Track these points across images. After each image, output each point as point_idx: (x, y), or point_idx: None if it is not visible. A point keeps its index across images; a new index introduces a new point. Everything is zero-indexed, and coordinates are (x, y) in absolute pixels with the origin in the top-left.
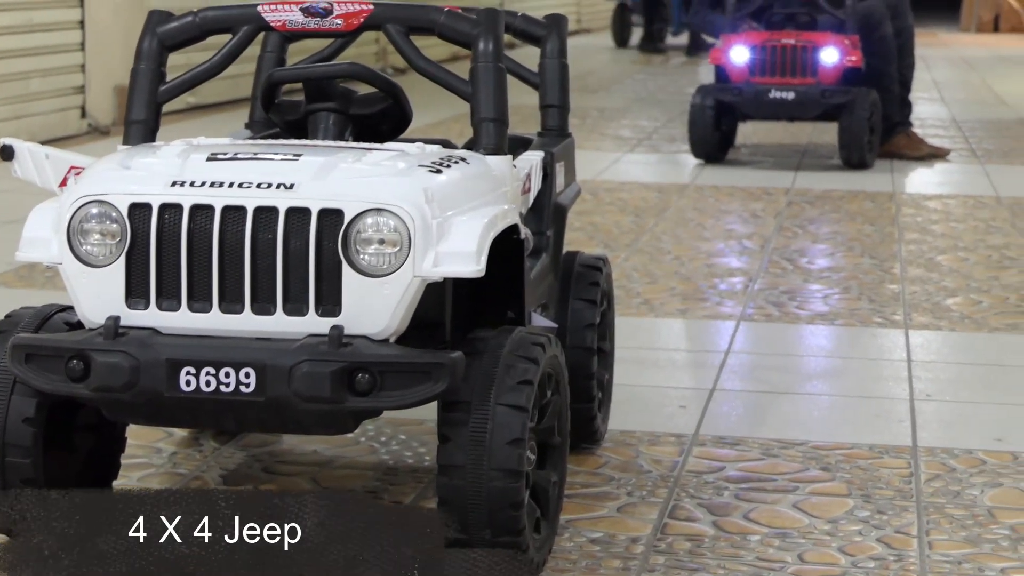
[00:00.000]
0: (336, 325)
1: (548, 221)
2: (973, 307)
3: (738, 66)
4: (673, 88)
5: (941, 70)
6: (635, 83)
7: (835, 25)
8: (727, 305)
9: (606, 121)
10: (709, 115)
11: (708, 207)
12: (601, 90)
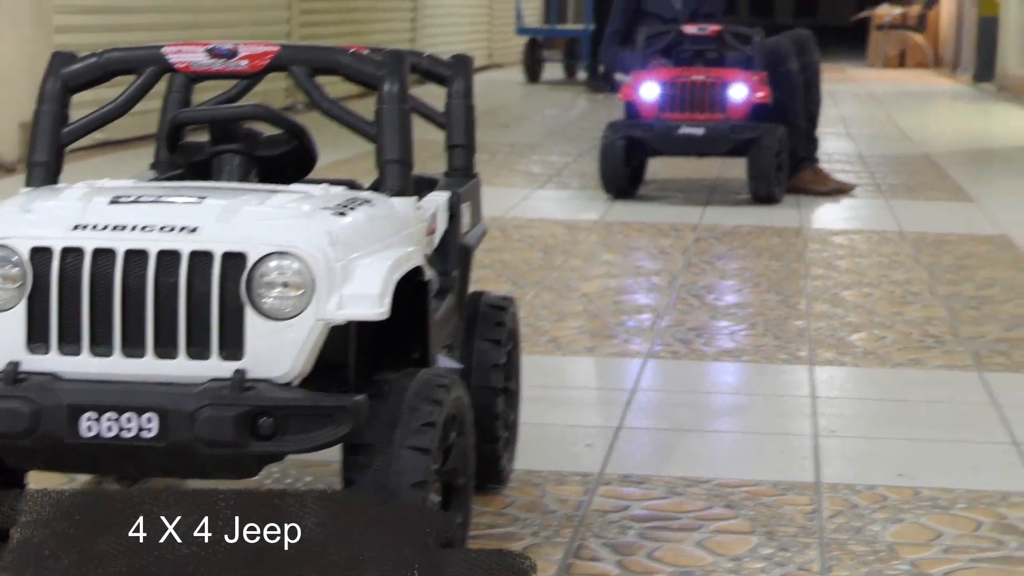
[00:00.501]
0: (239, 369)
1: (453, 262)
2: (877, 342)
3: (648, 102)
4: (584, 123)
5: (848, 105)
6: (546, 119)
7: (743, 61)
8: (634, 342)
9: (517, 157)
10: (619, 151)
11: (617, 243)
12: (512, 125)
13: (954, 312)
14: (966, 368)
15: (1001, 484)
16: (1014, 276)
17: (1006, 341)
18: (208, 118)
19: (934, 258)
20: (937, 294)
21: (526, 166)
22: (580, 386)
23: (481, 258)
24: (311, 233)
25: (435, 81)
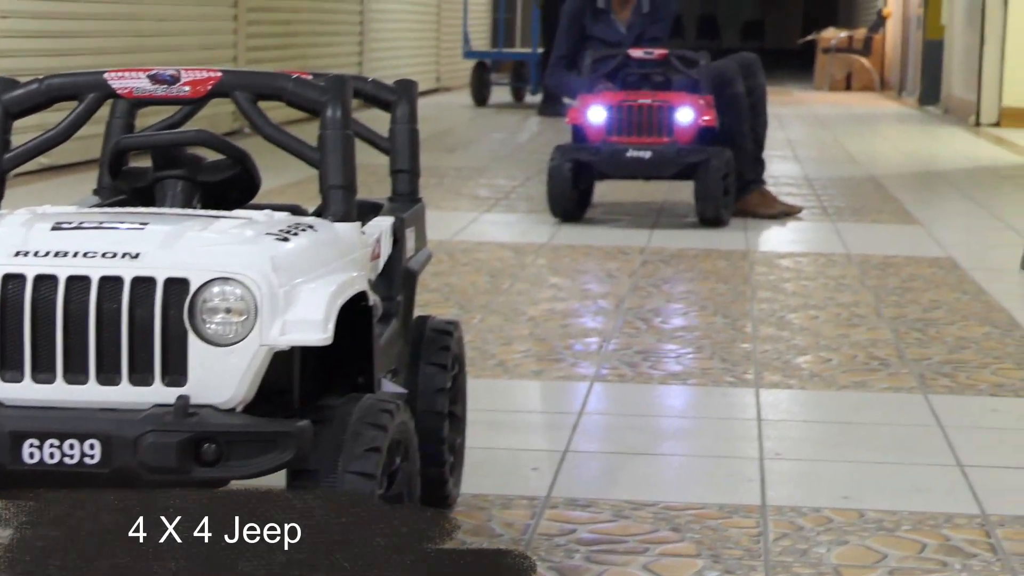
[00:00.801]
0: (182, 395)
1: (398, 287)
2: (822, 365)
3: (595, 126)
4: (531, 147)
5: (795, 128)
6: (493, 142)
7: (689, 85)
8: (582, 366)
9: (464, 180)
10: (567, 174)
11: (564, 267)
12: (459, 149)
13: (899, 334)
14: (911, 390)
15: (945, 506)
16: (959, 298)
17: (951, 363)
18: (151, 144)
19: (880, 280)
20: (883, 316)
21: (473, 189)
22: (527, 410)
23: (428, 282)
24: (254, 259)
25: (379, 106)
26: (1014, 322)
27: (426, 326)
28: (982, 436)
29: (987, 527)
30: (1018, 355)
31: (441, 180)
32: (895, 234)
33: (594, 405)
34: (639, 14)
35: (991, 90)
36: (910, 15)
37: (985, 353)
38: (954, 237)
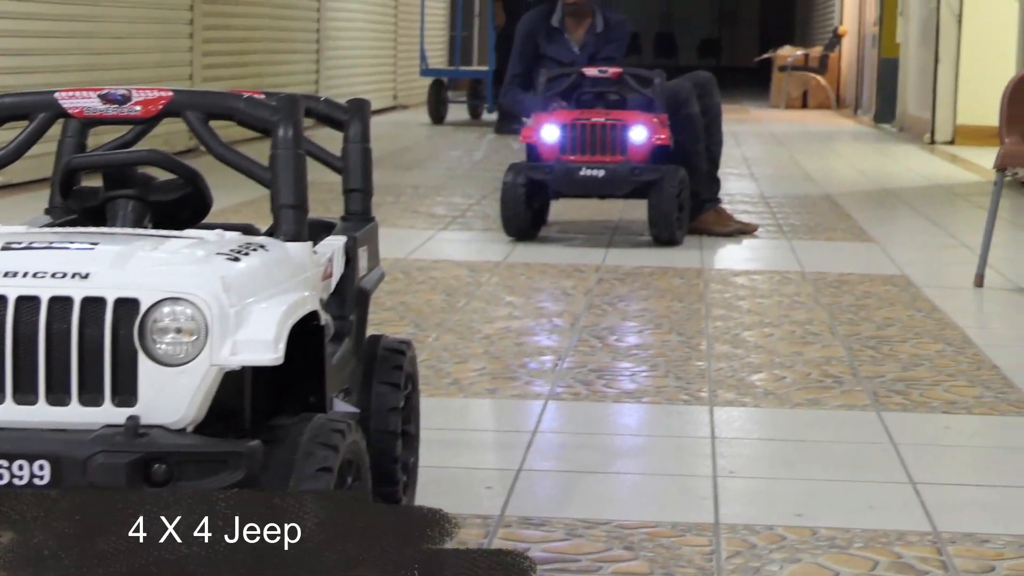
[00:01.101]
0: (132, 415)
1: (351, 306)
2: (777, 383)
3: (549, 144)
4: (488, 165)
5: (751, 146)
6: (450, 160)
7: (644, 104)
8: (536, 384)
9: (420, 198)
10: (520, 193)
11: (519, 285)
12: (416, 167)
13: (853, 352)
14: (864, 408)
15: (898, 523)
16: (913, 316)
17: (904, 380)
18: (102, 164)
19: (834, 298)
20: (837, 334)
21: (429, 207)
22: (481, 428)
23: (383, 300)
24: (204, 278)
25: (332, 125)
26: (967, 339)
27: (379, 345)
28: (934, 453)
29: (938, 544)
30: (971, 372)
31: (398, 198)
32: (850, 252)
33: (548, 423)
34: (593, 34)
35: (946, 108)
36: (865, 33)
37: (938, 370)
38: (908, 255)
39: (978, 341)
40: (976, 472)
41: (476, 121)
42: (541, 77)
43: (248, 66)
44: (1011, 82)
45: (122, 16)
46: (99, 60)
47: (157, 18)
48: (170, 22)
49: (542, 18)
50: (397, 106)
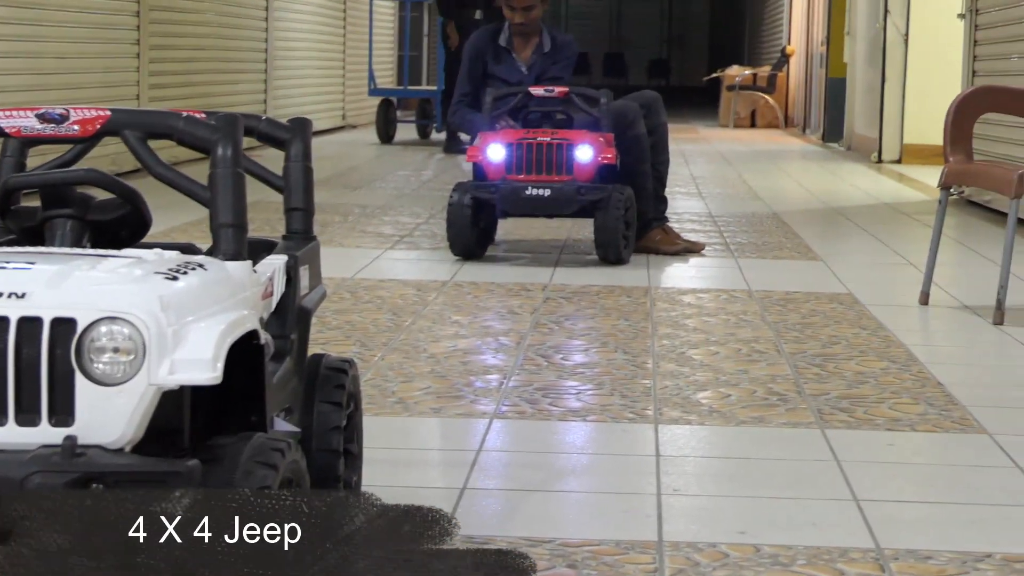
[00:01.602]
0: (69, 435)
1: (292, 325)
2: (722, 401)
3: (495, 164)
4: (436, 184)
5: (699, 165)
6: (398, 179)
7: (590, 123)
8: (481, 403)
9: (368, 218)
10: (467, 212)
11: (466, 304)
12: (364, 187)
13: (799, 370)
14: (809, 425)
15: (841, 540)
16: (858, 334)
17: (848, 398)
18: (40, 183)
19: (780, 316)
20: (783, 352)
21: (377, 227)
22: (425, 447)
23: (329, 319)
24: (142, 298)
25: (273, 144)
26: (912, 357)
27: (321, 364)
28: (878, 470)
29: (881, 561)
30: (915, 390)
31: (345, 218)
32: (796, 270)
33: (493, 442)
34: (540, 53)
35: (892, 127)
36: (813, 53)
37: (883, 388)
38: (854, 273)
39: (923, 358)
40: (919, 489)
41: (425, 141)
42: (488, 96)
43: (196, 85)
44: (955, 101)
45: (67, 35)
46: (44, 80)
47: (103, 37)
48: (116, 41)
49: (490, 37)
50: (345, 126)
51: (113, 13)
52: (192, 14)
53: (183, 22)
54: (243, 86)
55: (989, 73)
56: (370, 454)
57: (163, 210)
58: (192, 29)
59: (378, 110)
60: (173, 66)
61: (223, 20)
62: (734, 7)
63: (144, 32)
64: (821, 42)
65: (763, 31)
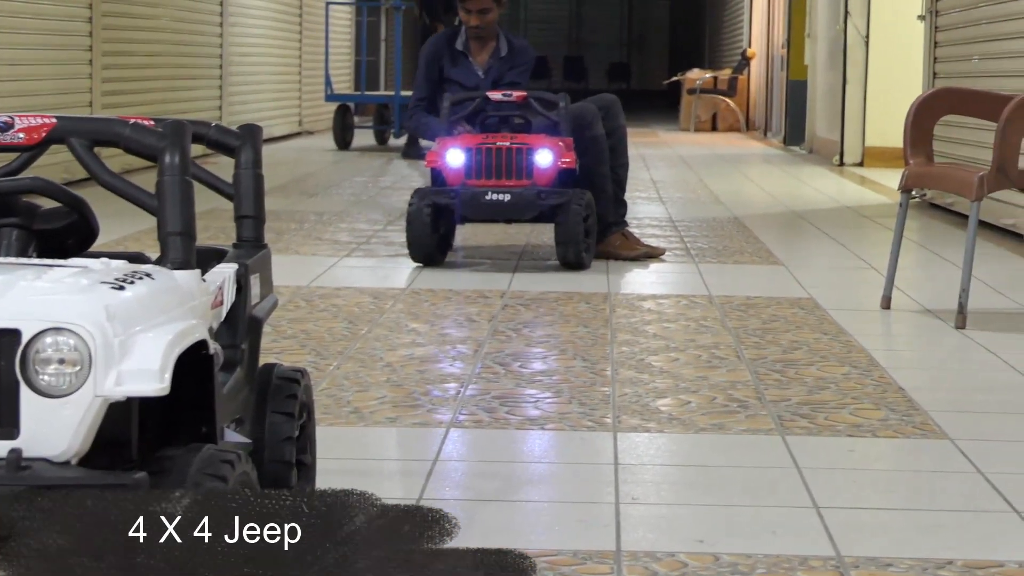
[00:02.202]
0: (14, 448)
1: (242, 334)
2: (682, 407)
3: (454, 169)
4: (394, 190)
5: (660, 169)
6: (355, 186)
7: (549, 127)
8: (438, 412)
9: (324, 225)
10: (426, 218)
11: (423, 312)
12: (320, 193)
13: (759, 376)
14: (769, 432)
15: (801, 548)
16: (819, 339)
17: (809, 404)
18: None
19: (741, 322)
20: (743, 358)
21: (333, 234)
22: (381, 457)
23: (284, 328)
24: (88, 308)
25: (223, 151)
26: (873, 362)
27: (272, 374)
28: (839, 477)
29: (841, 569)
30: (876, 395)
31: (301, 225)
32: (757, 275)
33: (450, 452)
34: (497, 58)
35: (854, 130)
36: (774, 55)
37: (844, 394)
38: (816, 277)
39: (884, 363)
40: (880, 495)
41: (383, 147)
42: (445, 101)
43: (150, 92)
44: (914, 103)
45: (18, 42)
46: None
47: (55, 44)
48: (68, 48)
49: (446, 41)
50: (302, 132)
51: (65, 19)
52: (146, 19)
53: (137, 28)
54: (198, 92)
55: (950, 75)
56: (324, 465)
57: (113, 219)
58: (146, 35)
59: (335, 116)
60: (127, 72)
61: (177, 26)
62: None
63: (97, 38)
64: (782, 45)
65: (723, 34)
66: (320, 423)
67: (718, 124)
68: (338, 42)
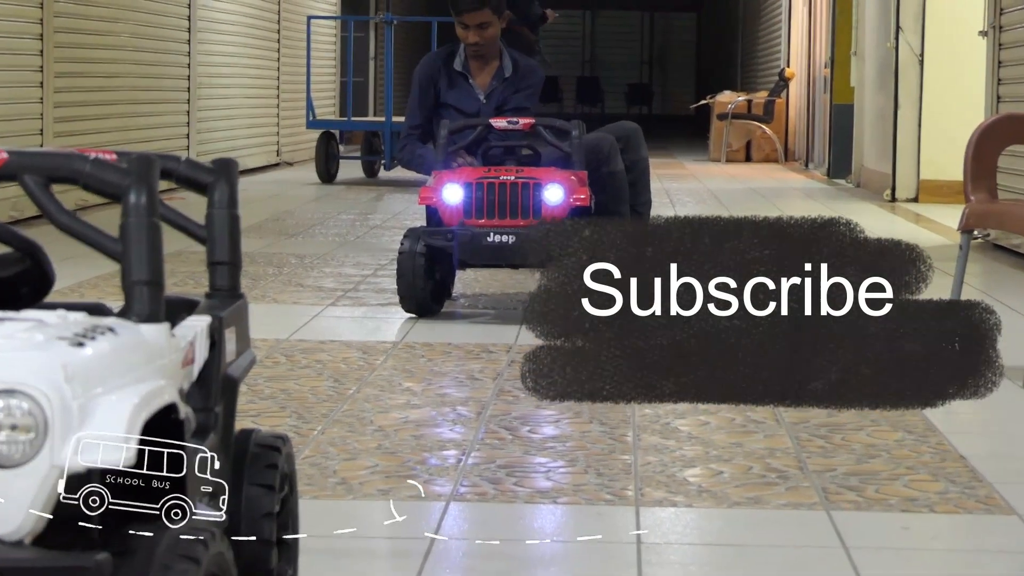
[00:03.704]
0: None
1: (216, 396)
2: (713, 479)
3: (451, 207)
4: (385, 230)
5: (687, 206)
6: (341, 224)
7: (560, 160)
8: (437, 483)
9: (306, 270)
10: (420, 263)
11: (419, 369)
12: (301, 234)
13: (801, 442)
14: (812, 506)
15: None
16: None
17: (857, 475)
18: None
19: None
20: (782, 422)
21: (316, 280)
22: (372, 535)
23: (261, 388)
24: (44, 367)
25: (194, 189)
26: (930, 426)
27: (250, 441)
28: (890, 558)
29: None
30: (934, 465)
31: (280, 269)
32: None
33: (450, 528)
34: (500, 79)
35: (907, 161)
36: (816, 76)
37: (897, 463)
38: None
39: (943, 428)
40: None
41: (372, 180)
42: (442, 129)
43: (108, 118)
44: (976, 131)
45: None
46: None
47: (1, 64)
48: (15, 68)
49: (442, 62)
50: (281, 163)
51: (12, 35)
52: (104, 36)
53: (94, 46)
54: (164, 118)
55: (1016, 98)
56: (308, 543)
57: (69, 263)
58: (104, 54)
59: (318, 145)
60: (83, 97)
61: (139, 43)
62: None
63: (48, 58)
64: (824, 64)
65: (758, 51)
66: (303, 496)
67: (752, 154)
68: (321, 61)
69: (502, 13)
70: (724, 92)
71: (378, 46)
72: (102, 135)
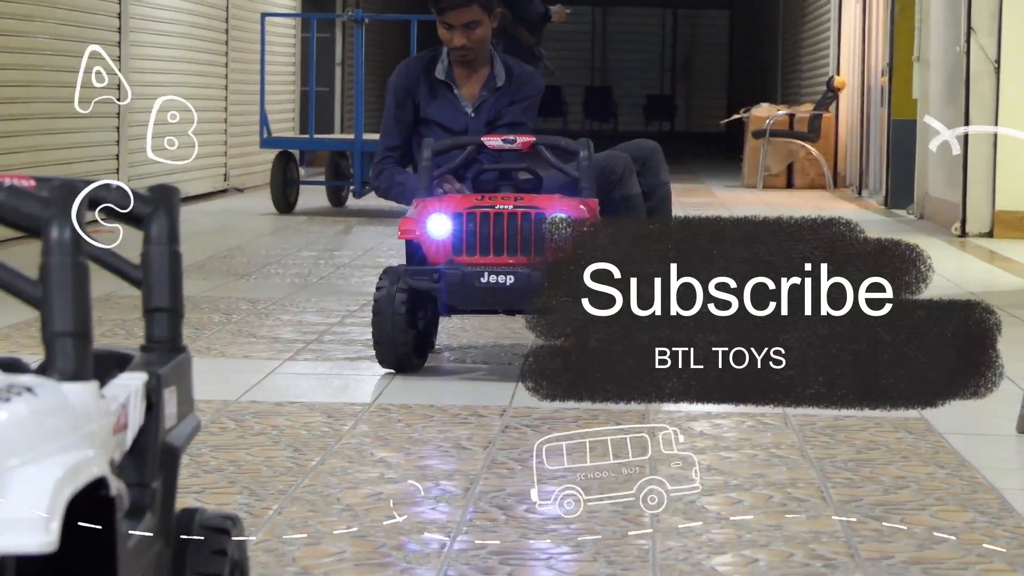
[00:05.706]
0: None
1: (153, 469)
2: (747, 567)
3: (437, 241)
4: (353, 269)
5: None
6: (301, 263)
7: (566, 185)
8: (417, 572)
9: (259, 317)
10: (399, 308)
11: (395, 436)
12: (254, 273)
13: (852, 526)
14: None
15: None
16: (933, 474)
17: (919, 563)
18: None
19: (827, 451)
20: (830, 500)
21: (273, 329)
22: None
23: (206, 459)
24: None
25: (128, 222)
26: (1007, 507)
27: (194, 522)
28: None
29: None
30: (1009, 554)
31: (228, 317)
32: None
33: None
34: (491, 89)
35: (980, 189)
36: (871, 86)
37: (966, 550)
38: None
39: (1023, 509)
40: None
41: (339, 209)
42: (425, 150)
43: (22, 136)
44: None
45: None
46: None
47: None
48: None
49: (423, 69)
50: (229, 189)
51: None
52: (20, 38)
53: (6, 49)
54: (88, 135)
55: None
56: None
57: None
58: (15, 58)
59: (273, 168)
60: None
61: (59, 45)
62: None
63: None
64: (881, 72)
65: (802, 57)
66: None
67: (795, 179)
68: (278, 67)
69: (493, 10)
70: (761, 105)
71: (346, 49)
72: (12, 155)
